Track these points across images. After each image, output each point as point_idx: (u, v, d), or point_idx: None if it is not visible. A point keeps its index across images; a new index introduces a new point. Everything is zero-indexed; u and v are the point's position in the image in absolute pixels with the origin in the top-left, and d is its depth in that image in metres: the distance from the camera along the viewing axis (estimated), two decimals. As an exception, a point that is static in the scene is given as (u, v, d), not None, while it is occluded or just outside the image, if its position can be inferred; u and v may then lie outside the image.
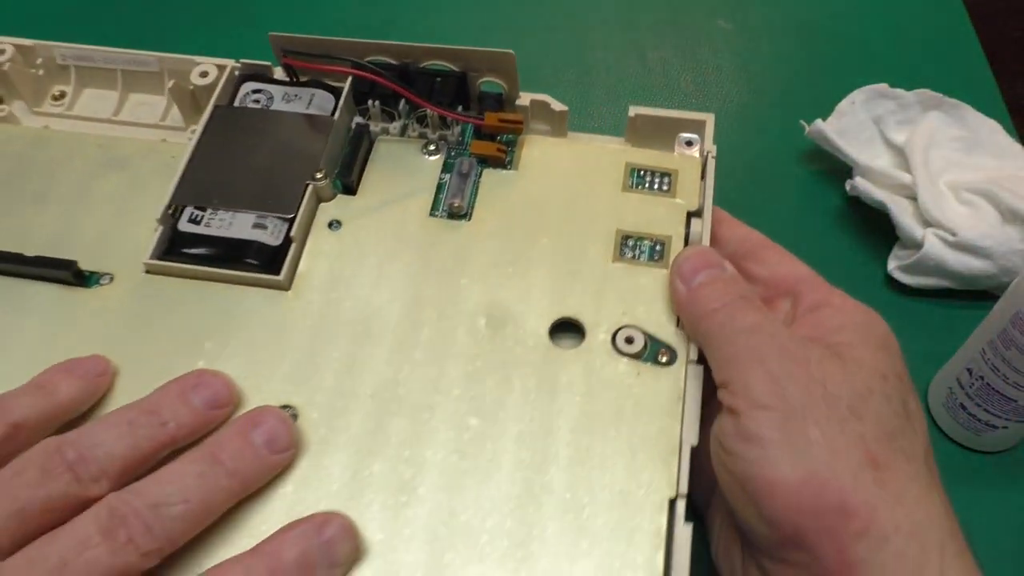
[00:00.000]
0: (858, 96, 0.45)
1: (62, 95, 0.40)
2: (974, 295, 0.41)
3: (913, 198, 0.42)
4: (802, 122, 0.45)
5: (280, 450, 0.28)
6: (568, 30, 0.49)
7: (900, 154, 0.44)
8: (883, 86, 0.45)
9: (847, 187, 0.43)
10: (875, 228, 0.43)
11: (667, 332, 0.32)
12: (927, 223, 0.41)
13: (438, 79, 0.36)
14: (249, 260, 0.33)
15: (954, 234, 0.39)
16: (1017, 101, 0.52)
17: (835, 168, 0.45)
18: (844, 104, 0.45)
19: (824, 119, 0.45)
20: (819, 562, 0.26)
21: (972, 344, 0.35)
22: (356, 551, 0.27)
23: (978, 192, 0.41)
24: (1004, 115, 0.47)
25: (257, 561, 0.26)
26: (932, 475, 0.27)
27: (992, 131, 0.44)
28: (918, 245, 0.40)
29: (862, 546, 0.25)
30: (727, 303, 0.30)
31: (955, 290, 0.41)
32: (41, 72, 0.40)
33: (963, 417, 0.37)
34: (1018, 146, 0.44)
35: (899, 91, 0.45)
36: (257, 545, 0.27)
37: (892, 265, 0.42)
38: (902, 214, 0.41)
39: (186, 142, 0.38)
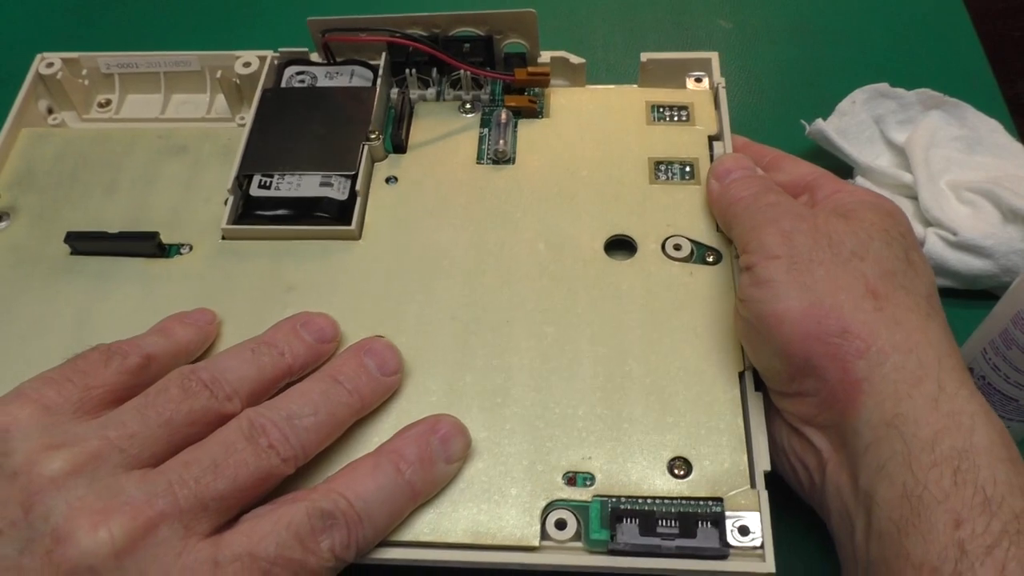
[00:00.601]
0: (859, 95, 0.45)
1: (108, 102, 0.43)
2: (975, 295, 0.41)
3: (914, 198, 0.42)
4: (803, 122, 0.45)
5: (390, 372, 0.31)
6: (568, 30, 0.51)
7: (901, 154, 0.44)
8: (884, 85, 0.45)
9: None
10: None
11: (710, 236, 0.35)
12: (928, 223, 0.41)
13: (466, 45, 0.40)
14: (320, 214, 0.36)
15: (955, 234, 0.39)
16: (1018, 100, 0.52)
17: (836, 168, 0.40)
18: (845, 104, 0.45)
19: (825, 119, 0.44)
20: (827, 385, 0.28)
21: (973, 344, 0.35)
22: (468, 447, 0.30)
23: (979, 192, 0.41)
24: (1004, 114, 0.46)
25: (383, 459, 0.28)
26: (933, 309, 0.30)
27: (993, 130, 0.44)
28: (919, 245, 0.40)
29: (863, 364, 0.28)
30: (754, 192, 0.33)
31: (956, 290, 0.41)
32: (86, 82, 0.42)
33: None
34: (1018, 145, 0.44)
35: (900, 90, 0.45)
36: (380, 446, 0.29)
37: None
38: None
39: (234, 128, 0.41)
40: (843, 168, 0.44)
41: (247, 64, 0.41)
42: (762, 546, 0.28)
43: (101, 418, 0.27)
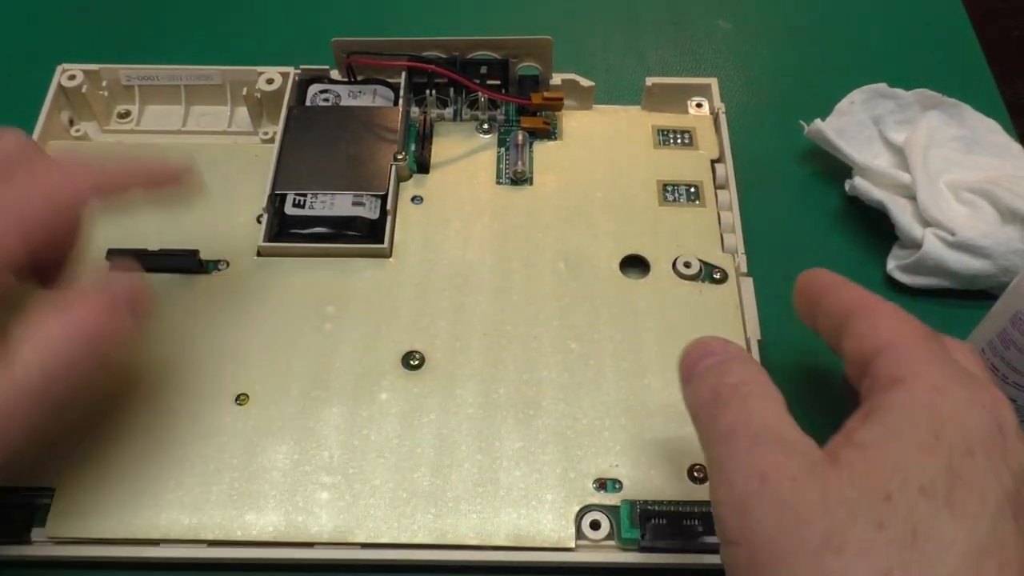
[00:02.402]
0: (857, 96, 0.45)
1: (127, 113, 0.44)
2: (973, 295, 0.41)
3: (912, 198, 0.41)
4: (801, 122, 0.45)
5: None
6: (568, 30, 0.51)
7: (899, 154, 0.44)
8: (882, 86, 0.45)
9: (846, 187, 0.43)
10: (874, 228, 0.43)
11: (716, 256, 0.38)
12: (926, 223, 0.41)
13: (483, 67, 0.42)
14: (354, 233, 0.38)
15: (953, 234, 0.39)
16: (1016, 100, 0.52)
17: (834, 168, 0.44)
18: (843, 104, 0.45)
19: (823, 119, 0.44)
20: None
21: (972, 344, 0.34)
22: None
23: (977, 192, 0.41)
24: (1003, 114, 0.46)
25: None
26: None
27: (991, 130, 0.44)
28: (917, 245, 0.40)
29: None
30: (709, 401, 0.26)
31: (954, 290, 0.41)
32: (106, 94, 0.43)
33: None
34: (1017, 145, 0.43)
35: (898, 91, 0.45)
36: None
37: (891, 265, 0.42)
38: (901, 214, 0.41)
39: (259, 143, 0.42)
40: (842, 168, 0.44)
41: (270, 81, 0.42)
42: (774, 543, 0.31)
43: None
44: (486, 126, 0.42)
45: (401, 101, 0.41)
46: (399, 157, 0.39)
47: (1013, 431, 0.23)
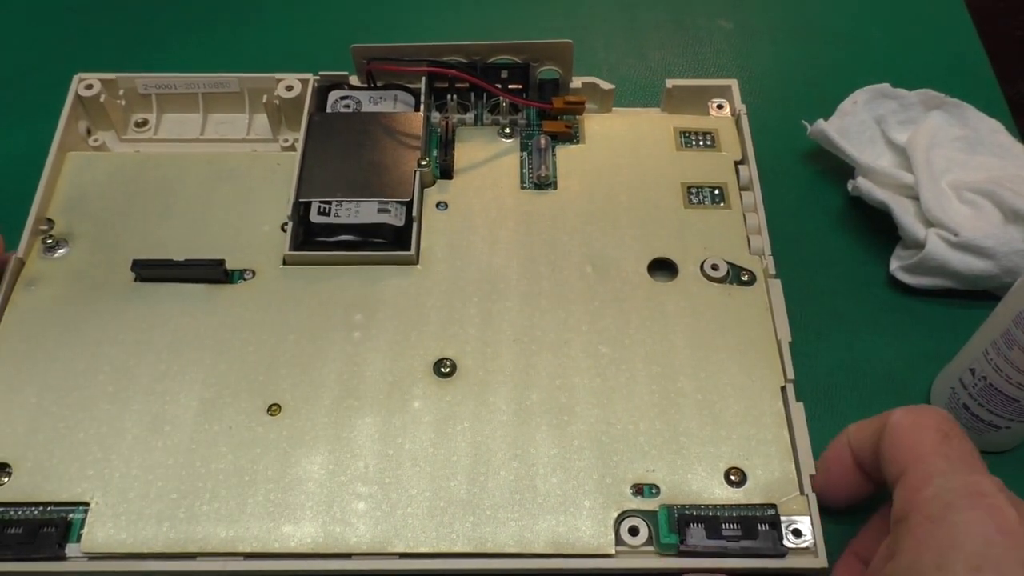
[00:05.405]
0: (860, 96, 0.45)
1: (145, 122, 0.44)
2: (976, 295, 0.41)
3: (915, 198, 0.41)
4: (804, 122, 0.45)
5: None
6: (568, 30, 0.51)
7: (902, 154, 0.44)
8: (885, 86, 0.45)
9: (849, 187, 0.43)
10: (877, 228, 0.43)
11: (743, 258, 0.38)
12: (929, 223, 0.41)
13: (504, 72, 0.42)
14: (380, 240, 0.37)
15: (956, 234, 0.39)
16: (1019, 100, 0.52)
17: (837, 168, 0.45)
18: (846, 104, 0.45)
19: (826, 119, 0.44)
20: None
21: (975, 344, 0.35)
22: None
23: (980, 192, 0.41)
24: (1006, 114, 0.47)
25: None
26: None
27: (994, 130, 0.44)
28: (920, 245, 0.40)
29: None
30: None
31: (957, 290, 0.41)
32: (123, 102, 0.43)
33: (966, 417, 0.36)
34: (1020, 146, 0.44)
35: (901, 91, 0.45)
36: None
37: (894, 265, 0.42)
38: (904, 214, 0.41)
39: (279, 151, 0.42)
40: (844, 168, 0.44)
41: (289, 88, 0.42)
42: (815, 545, 0.31)
43: None
44: (508, 130, 0.42)
45: (422, 106, 0.41)
46: (423, 163, 0.39)
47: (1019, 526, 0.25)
